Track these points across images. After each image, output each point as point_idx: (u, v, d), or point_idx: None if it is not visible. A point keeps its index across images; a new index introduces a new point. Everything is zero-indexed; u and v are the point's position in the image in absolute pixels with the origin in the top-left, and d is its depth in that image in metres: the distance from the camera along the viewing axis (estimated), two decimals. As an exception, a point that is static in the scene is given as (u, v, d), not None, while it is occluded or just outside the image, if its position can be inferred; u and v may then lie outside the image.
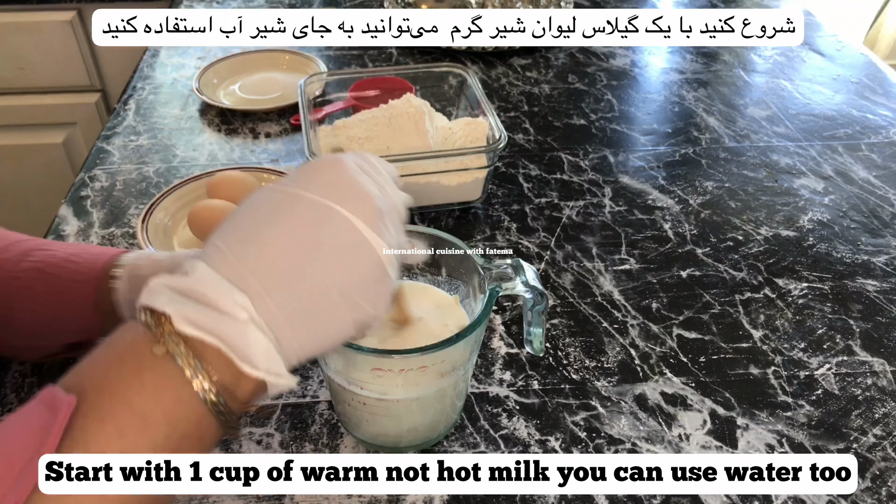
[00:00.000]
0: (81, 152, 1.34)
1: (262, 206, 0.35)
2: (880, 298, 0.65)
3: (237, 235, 0.34)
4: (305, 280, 0.33)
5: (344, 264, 0.34)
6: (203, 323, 0.31)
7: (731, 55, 1.06)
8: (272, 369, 0.32)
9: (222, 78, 0.96)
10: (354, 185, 0.35)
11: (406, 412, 0.47)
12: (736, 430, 0.53)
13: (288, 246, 0.33)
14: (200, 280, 0.32)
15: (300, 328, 0.33)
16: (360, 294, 0.35)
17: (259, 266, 0.33)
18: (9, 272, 0.50)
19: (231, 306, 0.31)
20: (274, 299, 0.32)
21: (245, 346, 0.31)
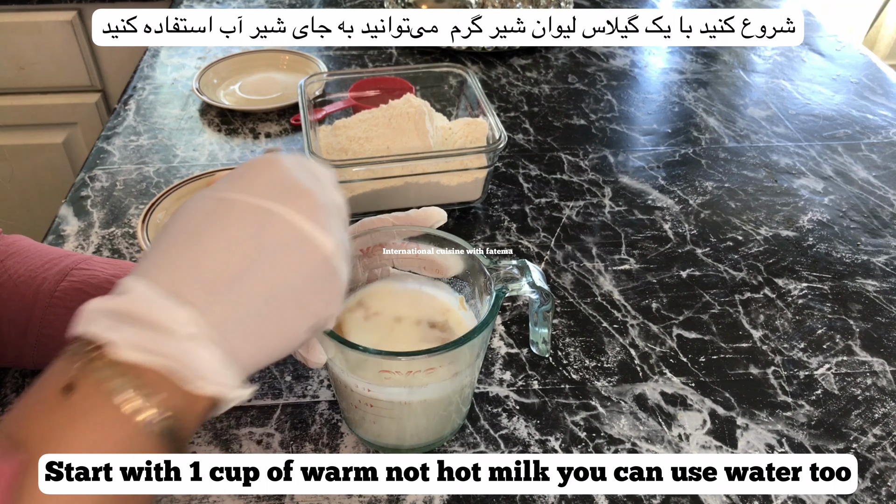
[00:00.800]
0: (81, 152, 1.34)
1: (195, 214, 0.33)
2: (880, 298, 0.65)
3: (172, 247, 0.32)
4: (249, 284, 0.32)
5: (288, 265, 0.33)
6: (147, 345, 0.29)
7: (730, 55, 1.07)
8: (224, 381, 0.31)
9: (222, 78, 0.96)
10: (292, 183, 0.34)
11: (411, 415, 0.47)
12: (736, 430, 0.53)
13: (227, 252, 0.32)
14: (138, 298, 0.30)
15: (251, 336, 0.32)
16: (308, 294, 0.33)
17: (199, 276, 0.31)
18: (48, 292, 0.50)
19: (173, 323, 0.30)
20: (220, 308, 0.31)
21: (193, 363, 0.30)
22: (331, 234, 0.34)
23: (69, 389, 0.29)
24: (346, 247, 0.36)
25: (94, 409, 0.29)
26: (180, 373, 0.30)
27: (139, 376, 0.29)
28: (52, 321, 0.49)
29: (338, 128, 0.75)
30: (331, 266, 0.34)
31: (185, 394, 0.30)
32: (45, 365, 0.52)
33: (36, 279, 0.50)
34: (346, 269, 0.35)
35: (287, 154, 0.37)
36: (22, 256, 0.52)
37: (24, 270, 0.51)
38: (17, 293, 0.50)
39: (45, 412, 0.29)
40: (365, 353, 0.41)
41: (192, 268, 0.31)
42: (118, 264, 0.54)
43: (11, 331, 0.50)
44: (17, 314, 0.49)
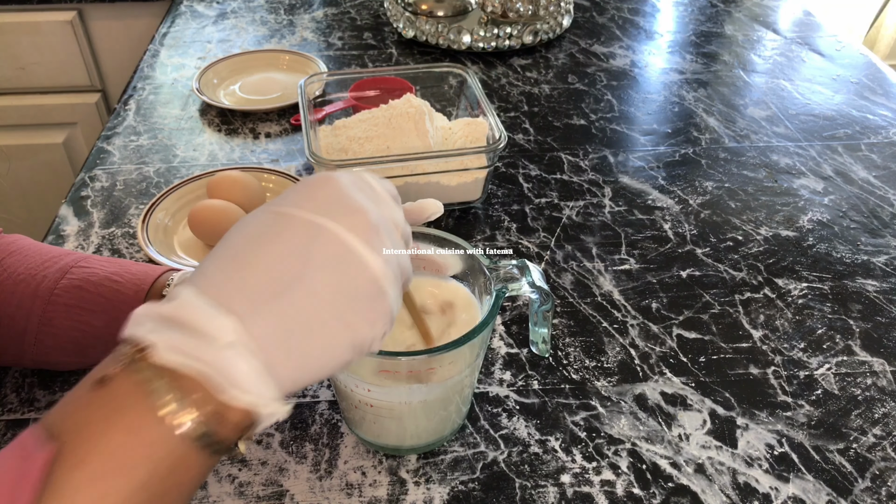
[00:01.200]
0: (81, 152, 1.34)
1: (251, 227, 0.34)
2: (880, 298, 0.65)
3: (225, 258, 0.33)
4: (295, 299, 0.32)
5: (335, 282, 0.32)
6: (186, 349, 0.30)
7: (730, 55, 1.07)
8: (263, 393, 0.31)
9: (222, 78, 0.96)
10: (346, 201, 0.34)
11: (411, 415, 0.47)
12: (736, 430, 0.53)
13: (276, 265, 0.32)
14: (184, 305, 0.31)
15: (292, 351, 0.32)
16: (354, 313, 0.33)
17: (246, 286, 0.31)
18: (47, 290, 0.50)
19: (215, 330, 0.30)
20: (263, 320, 0.31)
21: (232, 370, 0.30)
22: (380, 254, 0.34)
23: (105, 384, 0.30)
24: (398, 268, 0.35)
25: (129, 408, 0.29)
26: (215, 380, 0.30)
27: (176, 380, 0.30)
28: (52, 318, 0.49)
29: (338, 128, 0.75)
30: (378, 286, 0.34)
31: (219, 403, 0.30)
32: (44, 362, 0.52)
33: (36, 277, 0.50)
34: (396, 292, 0.35)
35: (344, 171, 0.37)
36: (22, 255, 0.52)
37: (23, 269, 0.51)
38: (16, 291, 0.50)
39: (83, 406, 0.30)
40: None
41: (240, 279, 0.32)
42: (118, 262, 0.54)
43: (11, 328, 0.50)
44: (16, 312, 0.49)
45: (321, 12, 1.16)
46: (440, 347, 0.42)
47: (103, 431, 0.29)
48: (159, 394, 0.29)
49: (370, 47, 1.06)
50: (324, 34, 1.09)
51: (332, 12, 1.16)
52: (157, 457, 0.29)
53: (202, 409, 0.30)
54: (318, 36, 1.09)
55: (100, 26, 1.25)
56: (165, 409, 0.29)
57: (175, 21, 1.12)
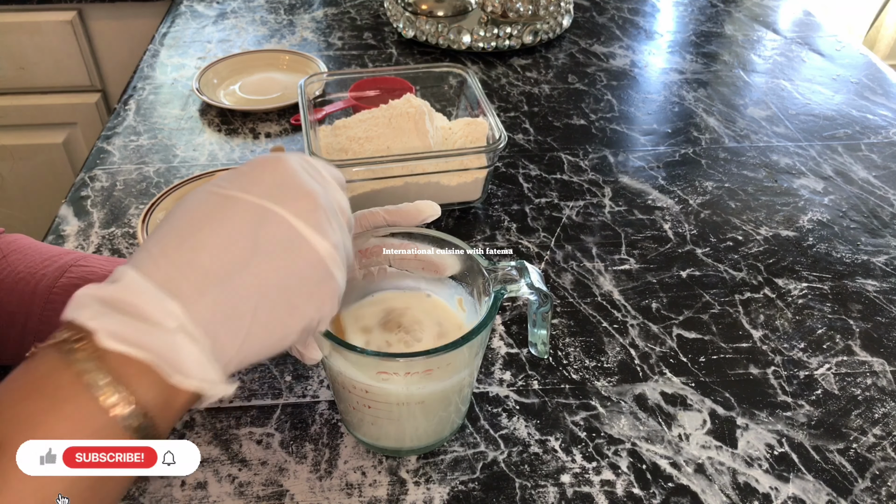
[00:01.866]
0: (81, 152, 1.34)
1: (196, 209, 0.33)
2: (880, 298, 0.65)
3: (169, 239, 0.32)
4: (241, 282, 0.32)
5: (283, 264, 0.33)
6: (130, 336, 0.29)
7: (730, 55, 1.07)
8: (206, 377, 0.31)
9: (222, 78, 0.96)
10: (294, 184, 0.34)
11: (410, 416, 0.47)
12: (736, 429, 0.53)
13: (222, 248, 0.32)
14: (128, 288, 0.30)
15: (237, 332, 0.32)
16: (301, 295, 0.33)
17: (192, 269, 0.31)
18: (47, 288, 0.50)
19: (160, 315, 0.30)
20: (208, 303, 0.31)
21: (176, 356, 0.30)
22: (328, 237, 0.34)
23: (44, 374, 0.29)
24: (344, 251, 0.35)
25: (71, 399, 0.29)
26: (161, 366, 0.30)
27: (119, 368, 0.29)
28: (51, 317, 0.49)
29: (338, 128, 0.75)
30: (326, 269, 0.34)
31: (165, 387, 0.30)
32: None
33: (35, 276, 0.50)
34: (342, 273, 0.35)
35: (293, 153, 0.37)
36: (22, 254, 0.52)
37: (23, 267, 0.51)
38: (16, 290, 0.50)
39: (23, 399, 0.29)
40: (363, 354, 0.41)
41: (186, 262, 0.31)
42: (117, 262, 0.54)
43: (10, 327, 0.50)
44: (16, 310, 0.50)
45: (321, 12, 1.16)
46: (439, 348, 0.42)
47: (47, 425, 0.28)
48: (100, 385, 0.29)
49: (370, 47, 1.06)
50: (324, 34, 1.09)
51: (332, 12, 1.16)
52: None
53: (148, 395, 0.30)
54: (318, 36, 1.09)
55: (100, 26, 1.25)
56: (107, 399, 0.29)
57: (175, 21, 1.12)
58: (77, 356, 0.29)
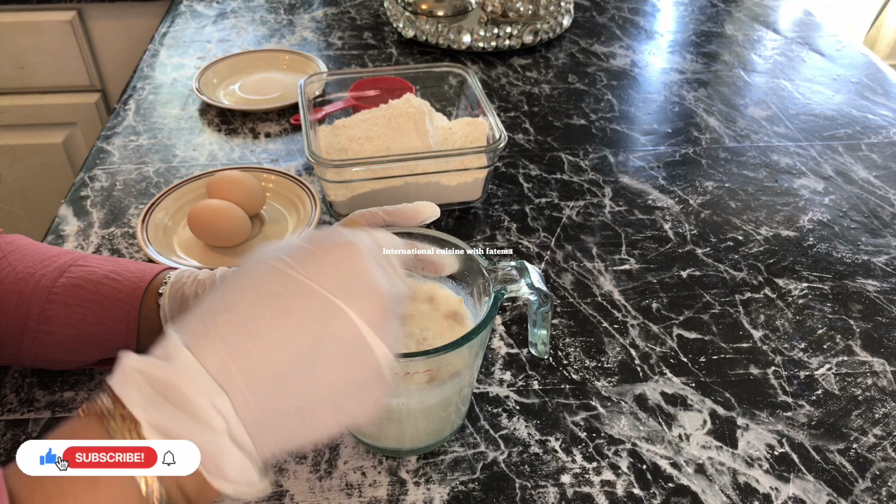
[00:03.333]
0: (81, 152, 1.34)
1: (260, 286, 0.32)
2: (880, 298, 0.65)
3: (228, 318, 0.31)
4: (295, 382, 0.31)
5: (340, 368, 0.31)
6: (176, 433, 0.29)
7: (731, 55, 1.06)
8: (244, 480, 0.30)
9: (222, 78, 0.96)
10: (365, 281, 0.32)
11: (410, 417, 0.47)
12: (736, 430, 0.53)
13: (283, 342, 0.30)
14: (180, 372, 0.29)
15: (280, 429, 0.31)
16: (350, 399, 0.32)
17: (248, 361, 0.30)
18: (46, 288, 0.50)
19: (209, 412, 0.29)
20: (258, 400, 0.30)
21: (220, 460, 0.29)
22: (388, 341, 0.33)
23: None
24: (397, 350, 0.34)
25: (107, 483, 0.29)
26: (204, 467, 0.29)
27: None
28: (50, 317, 0.49)
29: (338, 128, 0.75)
30: (381, 374, 0.33)
31: (203, 482, 0.30)
32: (43, 361, 0.52)
33: (35, 275, 0.50)
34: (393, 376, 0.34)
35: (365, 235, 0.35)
36: (21, 254, 0.52)
37: (22, 267, 0.51)
38: (15, 289, 0.50)
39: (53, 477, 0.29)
40: None
41: (243, 351, 0.30)
42: (116, 261, 0.54)
43: (10, 326, 0.50)
44: (15, 310, 0.49)
45: (321, 12, 1.15)
46: (439, 349, 0.42)
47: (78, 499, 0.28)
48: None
49: (370, 47, 1.05)
50: (324, 34, 1.09)
51: (332, 12, 1.15)
52: None
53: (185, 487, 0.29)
54: (317, 36, 1.09)
55: (100, 26, 1.25)
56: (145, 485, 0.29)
57: (175, 21, 1.12)
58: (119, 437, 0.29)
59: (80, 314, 0.50)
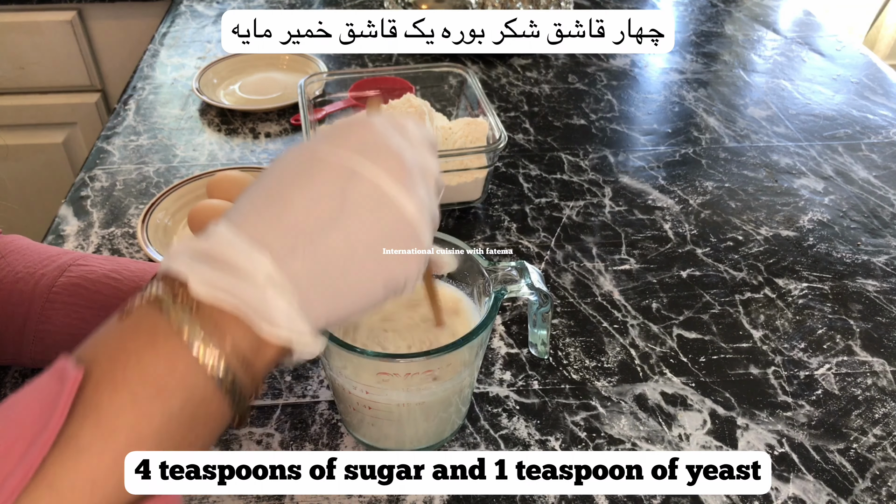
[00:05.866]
0: (81, 152, 1.34)
1: (287, 167, 0.34)
2: (880, 298, 0.65)
3: (261, 197, 0.33)
4: (330, 239, 0.32)
5: (370, 223, 0.33)
6: (221, 285, 0.30)
7: (731, 55, 1.06)
8: (296, 328, 0.32)
9: (222, 78, 0.96)
10: (382, 143, 0.34)
11: (410, 417, 0.47)
12: (736, 430, 0.53)
13: (311, 206, 0.32)
14: (220, 241, 0.31)
15: (325, 289, 0.32)
16: (388, 256, 0.34)
17: (281, 226, 0.32)
18: (46, 287, 0.50)
19: (250, 267, 0.31)
20: (297, 259, 0.32)
21: (265, 307, 0.31)
22: (414, 198, 0.34)
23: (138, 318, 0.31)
24: (430, 212, 0.35)
25: (163, 340, 0.30)
26: (251, 316, 0.30)
27: (210, 317, 0.30)
28: (51, 316, 0.49)
29: (338, 128, 0.75)
30: (412, 229, 0.34)
31: (255, 338, 0.31)
32: (43, 360, 0.52)
33: (34, 275, 0.50)
34: (428, 236, 0.35)
35: (384, 114, 0.37)
36: (20, 254, 0.52)
37: (22, 267, 0.51)
38: (15, 289, 0.50)
39: (115, 337, 0.31)
40: (363, 355, 0.41)
41: (275, 218, 0.32)
42: (116, 261, 0.54)
43: (10, 326, 0.50)
44: (15, 310, 0.49)
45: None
46: (439, 349, 0.42)
47: (139, 359, 0.30)
48: (193, 333, 0.30)
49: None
50: (324, 34, 1.09)
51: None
52: (190, 387, 0.30)
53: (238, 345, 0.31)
54: (318, 36, 1.08)
55: (100, 26, 1.25)
56: (197, 345, 0.30)
57: (175, 21, 1.12)
58: (172, 305, 0.30)
59: (80, 314, 0.50)
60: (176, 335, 0.30)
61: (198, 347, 0.30)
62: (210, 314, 0.30)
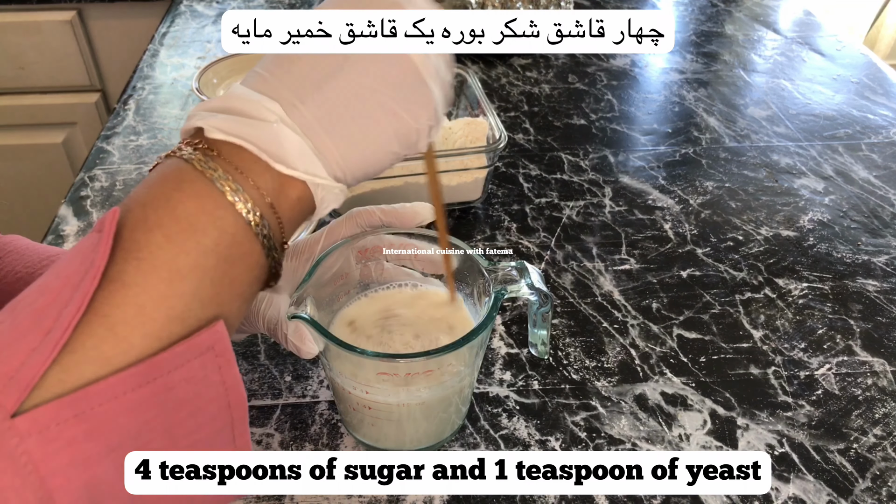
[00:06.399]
0: (81, 152, 1.34)
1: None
2: (880, 298, 0.65)
3: (272, 58, 0.35)
4: (337, 86, 0.33)
5: (374, 69, 0.34)
6: (232, 129, 0.32)
7: (731, 55, 1.06)
8: (310, 170, 0.33)
9: (222, 78, 0.96)
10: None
11: (410, 417, 0.47)
12: (736, 430, 0.53)
13: (318, 58, 0.34)
14: (233, 96, 0.33)
15: (337, 135, 0.34)
16: (395, 101, 0.34)
17: (290, 77, 0.33)
18: None
19: (261, 112, 0.32)
20: (306, 106, 0.33)
21: (277, 146, 0.32)
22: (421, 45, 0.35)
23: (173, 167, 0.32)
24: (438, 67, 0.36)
25: (191, 181, 0.31)
26: (266, 154, 0.32)
27: (231, 159, 0.32)
28: None
29: (338, 128, 0.75)
30: (419, 76, 0.35)
31: (275, 177, 0.33)
32: None
33: (33, 276, 0.50)
34: (437, 85, 0.36)
35: None
36: (19, 255, 0.52)
37: (21, 267, 0.51)
38: (15, 290, 0.50)
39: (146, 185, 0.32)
40: (363, 355, 0.41)
41: (284, 72, 0.34)
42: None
43: None
44: None
45: (321, 12, 1.15)
46: (439, 349, 0.42)
47: (168, 199, 0.31)
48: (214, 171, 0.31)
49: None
50: (324, 34, 1.09)
51: (332, 12, 1.15)
52: (221, 224, 0.31)
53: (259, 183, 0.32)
54: (317, 36, 1.08)
55: (99, 26, 1.25)
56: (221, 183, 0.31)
57: (175, 21, 1.12)
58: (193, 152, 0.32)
59: None
60: (201, 177, 0.31)
61: (222, 186, 0.31)
62: (230, 156, 0.32)
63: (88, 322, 0.28)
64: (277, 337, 0.45)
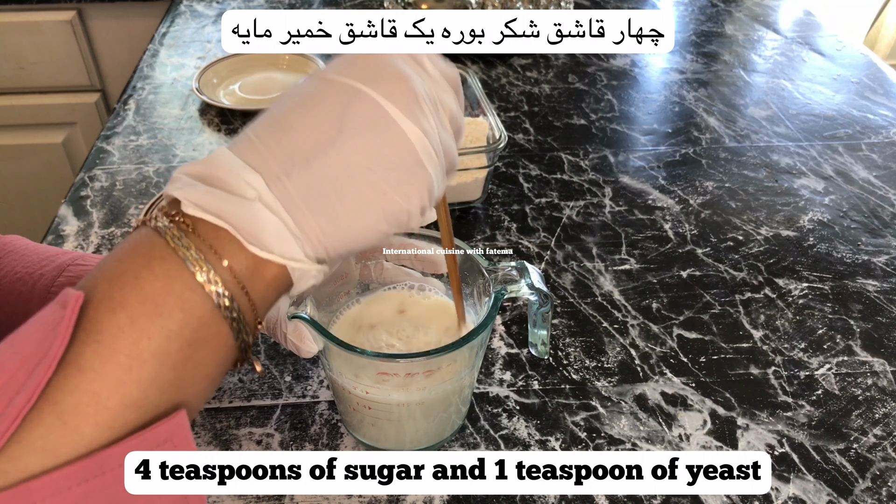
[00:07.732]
0: (81, 152, 1.34)
1: (294, 93, 0.34)
2: (880, 298, 0.65)
3: (264, 122, 0.33)
4: (327, 162, 0.31)
5: (369, 145, 0.32)
6: (209, 205, 0.30)
7: (731, 55, 1.06)
8: (286, 253, 0.31)
9: (222, 78, 0.96)
10: (391, 67, 0.33)
11: (410, 417, 0.47)
12: (736, 430, 0.53)
13: (312, 128, 0.32)
14: (215, 162, 0.31)
15: (320, 213, 0.32)
16: (388, 181, 0.32)
17: (279, 148, 0.32)
18: (44, 288, 0.50)
19: (241, 186, 0.30)
20: (292, 181, 0.31)
21: (253, 226, 0.30)
22: (419, 124, 0.33)
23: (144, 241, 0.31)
24: (440, 147, 0.34)
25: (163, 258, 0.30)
26: (241, 234, 0.30)
27: (206, 237, 0.30)
28: None
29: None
30: (415, 156, 0.33)
31: (251, 259, 0.31)
32: None
33: (33, 275, 0.50)
34: (434, 166, 0.34)
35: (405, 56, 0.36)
36: (19, 255, 0.52)
37: (20, 267, 0.51)
38: (13, 290, 0.50)
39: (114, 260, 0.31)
40: (363, 355, 0.41)
41: (275, 141, 0.32)
42: None
43: (8, 327, 0.50)
44: (14, 310, 0.49)
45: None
46: (439, 349, 0.42)
47: (136, 278, 0.29)
48: (186, 249, 0.30)
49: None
50: (324, 34, 1.09)
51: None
52: (187, 306, 0.30)
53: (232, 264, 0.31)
54: (317, 36, 1.08)
55: (99, 26, 1.25)
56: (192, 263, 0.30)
57: (175, 21, 1.12)
58: (167, 226, 0.30)
59: None
60: (172, 255, 0.30)
61: (193, 266, 0.30)
62: (205, 234, 0.30)
63: (38, 409, 0.26)
64: (277, 336, 0.45)
